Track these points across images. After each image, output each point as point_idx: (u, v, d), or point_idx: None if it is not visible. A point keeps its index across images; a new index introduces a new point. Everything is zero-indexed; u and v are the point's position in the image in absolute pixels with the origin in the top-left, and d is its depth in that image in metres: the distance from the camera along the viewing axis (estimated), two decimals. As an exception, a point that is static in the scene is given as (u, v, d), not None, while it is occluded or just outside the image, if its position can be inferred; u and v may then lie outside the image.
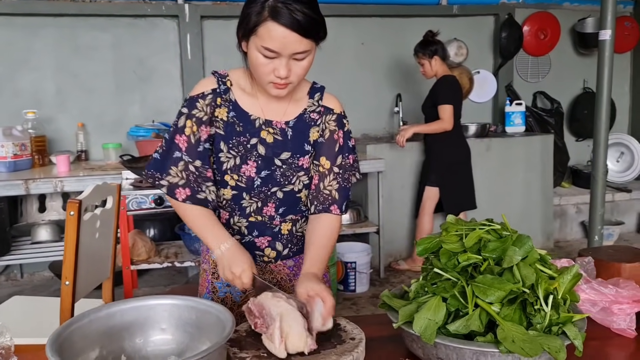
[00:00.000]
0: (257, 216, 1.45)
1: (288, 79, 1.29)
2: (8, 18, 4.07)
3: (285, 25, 1.21)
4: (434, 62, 3.90)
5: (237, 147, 1.39)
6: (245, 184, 1.41)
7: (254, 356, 1.16)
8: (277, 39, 1.22)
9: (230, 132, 1.39)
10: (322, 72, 4.61)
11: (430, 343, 1.07)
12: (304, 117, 1.44)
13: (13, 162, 3.56)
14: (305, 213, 1.52)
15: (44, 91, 4.22)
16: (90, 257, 2.11)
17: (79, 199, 1.97)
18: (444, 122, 3.80)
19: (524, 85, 5.28)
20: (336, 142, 1.46)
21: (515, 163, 4.64)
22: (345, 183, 1.47)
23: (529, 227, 4.71)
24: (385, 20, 4.84)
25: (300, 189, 1.46)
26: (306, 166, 1.44)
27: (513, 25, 4.98)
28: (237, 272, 1.32)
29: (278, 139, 1.41)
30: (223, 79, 1.41)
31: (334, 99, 1.50)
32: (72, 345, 1.08)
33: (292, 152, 1.42)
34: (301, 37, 1.23)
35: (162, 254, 3.28)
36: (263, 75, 1.30)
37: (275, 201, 1.45)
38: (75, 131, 4.18)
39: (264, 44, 1.24)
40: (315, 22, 1.24)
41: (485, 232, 1.19)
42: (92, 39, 4.26)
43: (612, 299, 1.27)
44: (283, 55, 1.25)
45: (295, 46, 1.24)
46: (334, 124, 1.46)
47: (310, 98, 1.46)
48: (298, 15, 1.20)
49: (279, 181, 1.42)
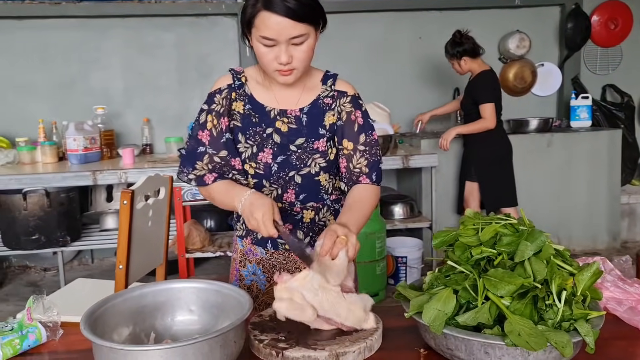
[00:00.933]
0: (278, 203, 1.48)
1: (291, 64, 1.34)
2: (81, 20, 4.35)
3: (277, 13, 1.26)
4: (463, 62, 3.84)
5: (253, 136, 1.46)
6: (264, 171, 1.47)
7: (272, 339, 1.22)
8: (271, 26, 1.28)
9: (247, 123, 1.46)
10: (377, 66, 4.70)
11: (438, 333, 1.09)
12: (318, 102, 1.48)
13: (84, 155, 3.81)
14: (327, 201, 1.54)
15: (112, 88, 4.49)
16: (143, 244, 2.25)
17: (131, 189, 2.11)
18: (487, 120, 3.73)
19: (593, 78, 5.05)
20: (354, 122, 1.48)
21: (580, 159, 4.46)
22: (373, 157, 1.49)
23: (593, 226, 4.54)
24: (444, 14, 4.78)
25: (318, 171, 1.49)
26: (322, 149, 1.47)
27: (580, 16, 4.77)
28: (259, 216, 1.30)
29: (292, 127, 1.46)
30: (238, 75, 1.49)
31: (347, 83, 1.53)
32: (106, 321, 1.18)
33: (307, 137, 1.46)
34: (295, 22, 1.28)
35: (215, 244, 3.42)
36: (267, 64, 1.36)
37: (295, 187, 1.49)
38: (141, 126, 4.42)
39: (261, 34, 1.30)
40: (306, 7, 1.29)
41: (501, 226, 1.19)
42: (156, 38, 4.48)
43: (637, 297, 1.23)
44: (281, 41, 1.30)
45: (290, 31, 1.29)
46: (349, 106, 1.49)
47: (323, 84, 1.50)
48: (289, 3, 1.26)
49: (294, 165, 1.47)
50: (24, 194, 3.43)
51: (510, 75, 4.85)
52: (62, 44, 4.39)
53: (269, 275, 1.57)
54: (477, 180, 3.96)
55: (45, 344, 1.30)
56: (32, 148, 3.92)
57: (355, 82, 4.69)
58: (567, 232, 4.50)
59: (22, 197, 3.43)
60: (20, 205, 3.44)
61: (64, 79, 4.42)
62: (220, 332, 1.06)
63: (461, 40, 3.84)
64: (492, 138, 3.85)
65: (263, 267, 1.58)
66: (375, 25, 4.72)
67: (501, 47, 4.86)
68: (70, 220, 3.65)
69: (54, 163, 3.89)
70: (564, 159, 4.44)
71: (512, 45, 4.73)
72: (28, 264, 4.50)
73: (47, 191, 3.47)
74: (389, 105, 4.25)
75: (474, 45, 3.83)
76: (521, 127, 4.60)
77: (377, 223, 3.47)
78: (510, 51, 4.75)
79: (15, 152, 3.88)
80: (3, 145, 4.03)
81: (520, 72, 4.84)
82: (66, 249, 3.69)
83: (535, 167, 4.40)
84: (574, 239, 4.52)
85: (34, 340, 1.28)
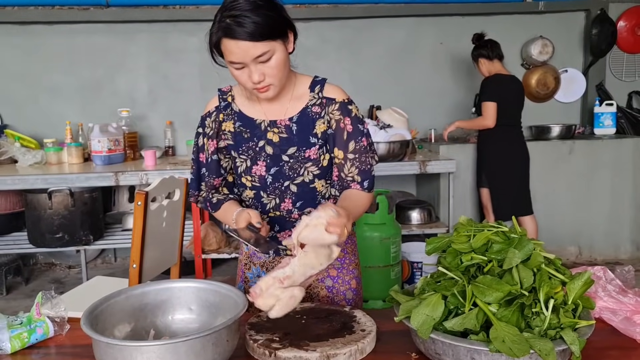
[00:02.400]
0: (276, 212, 1.54)
1: (264, 81, 1.37)
2: (108, 25, 4.48)
3: (236, 38, 1.29)
4: (481, 64, 3.90)
5: (246, 151, 1.51)
6: (259, 183, 1.52)
7: (267, 339, 1.26)
8: (234, 51, 1.31)
9: (239, 140, 1.51)
10: (398, 71, 4.70)
11: (425, 338, 1.11)
12: (307, 111, 1.49)
13: (107, 156, 3.92)
14: None
15: (137, 91, 4.61)
16: (157, 244, 2.31)
17: (145, 191, 2.17)
18: (485, 119, 3.77)
19: (618, 84, 4.96)
20: (343, 130, 1.48)
21: (603, 167, 4.39)
22: (364, 166, 1.49)
23: (616, 235, 4.46)
24: (466, 19, 4.76)
25: (312, 179, 1.51)
26: (313, 157, 1.49)
27: (606, 21, 4.70)
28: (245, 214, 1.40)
29: (283, 137, 1.49)
30: (224, 95, 1.55)
31: (336, 88, 1.52)
32: (108, 317, 1.24)
33: (298, 146, 1.48)
34: (254, 43, 1.30)
35: (232, 245, 3.47)
36: (244, 84, 1.39)
37: (291, 196, 1.52)
38: (164, 128, 4.52)
39: (228, 59, 1.35)
40: (264, 26, 1.30)
41: (493, 234, 1.20)
42: (180, 43, 4.58)
43: (632, 308, 1.23)
44: (248, 63, 1.33)
45: (252, 52, 1.31)
46: (338, 113, 1.49)
47: (311, 92, 1.50)
48: (246, 27, 1.28)
49: (288, 175, 1.50)
50: (49, 193, 3.55)
51: (533, 81, 4.80)
52: (89, 48, 4.52)
53: None
54: (487, 186, 3.96)
55: (53, 338, 1.36)
56: (58, 149, 4.04)
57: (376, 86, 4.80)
58: (588, 240, 4.43)
59: (47, 197, 3.55)
60: (46, 204, 3.57)
61: (90, 82, 4.56)
62: (212, 331, 1.10)
63: (477, 43, 3.89)
64: (501, 144, 3.84)
65: (267, 270, 1.62)
66: (397, 31, 4.74)
67: (524, 53, 4.82)
68: (93, 219, 3.76)
69: (79, 164, 4.00)
70: (587, 166, 4.37)
71: (534, 51, 4.68)
72: (54, 261, 4.64)
73: (71, 191, 3.59)
74: (409, 111, 4.26)
75: (492, 48, 3.83)
76: (543, 134, 4.56)
77: (392, 228, 3.47)
78: (532, 57, 4.71)
79: (43, 153, 4.01)
80: (31, 146, 4.17)
81: (542, 78, 4.79)
82: (89, 247, 3.80)
83: (557, 174, 4.35)
84: (596, 248, 4.45)
85: (42, 334, 1.34)
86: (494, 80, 3.81)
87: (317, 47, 4.56)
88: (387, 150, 3.75)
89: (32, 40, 4.46)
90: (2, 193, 3.96)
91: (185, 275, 3.10)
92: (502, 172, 3.89)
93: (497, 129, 3.78)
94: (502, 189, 3.90)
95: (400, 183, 4.75)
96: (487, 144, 3.92)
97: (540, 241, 1.21)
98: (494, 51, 3.84)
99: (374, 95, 4.55)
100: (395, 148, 3.77)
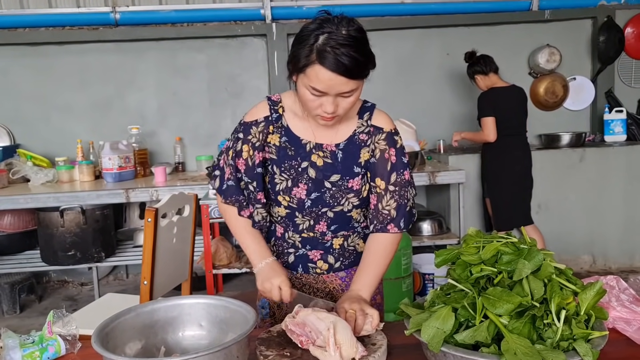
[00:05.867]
0: (309, 233, 1.52)
1: (335, 112, 1.35)
2: (118, 44, 4.54)
3: (331, 70, 1.26)
4: (478, 81, 3.94)
5: (289, 170, 1.47)
6: (297, 205, 1.49)
7: (278, 354, 1.25)
8: (324, 81, 1.28)
9: (283, 156, 1.48)
10: (406, 83, 4.71)
11: (436, 351, 1.10)
12: (354, 138, 1.47)
13: (118, 173, 3.95)
14: (358, 229, 1.56)
15: (147, 108, 4.65)
16: (167, 260, 2.32)
17: (155, 207, 2.18)
18: (484, 134, 3.81)
19: (628, 91, 4.94)
20: (387, 160, 1.47)
21: (614, 174, 4.36)
22: (402, 200, 1.47)
23: (630, 243, 4.41)
24: (472, 30, 4.77)
25: (350, 209, 1.50)
26: (356, 188, 1.47)
27: (613, 28, 4.69)
28: (276, 283, 1.42)
29: (328, 162, 1.46)
30: (275, 106, 1.49)
31: (384, 116, 1.51)
32: (119, 335, 1.24)
33: (342, 175, 1.46)
34: (347, 79, 1.28)
35: (242, 260, 3.48)
36: (311, 109, 1.37)
37: (327, 220, 1.51)
38: (174, 144, 4.56)
39: (311, 84, 1.30)
40: (361, 64, 1.28)
41: (502, 245, 1.19)
42: (189, 60, 4.63)
43: (646, 318, 1.21)
44: (330, 94, 1.31)
45: (341, 87, 1.29)
46: (384, 143, 1.47)
47: (359, 118, 1.49)
48: (344, 60, 1.25)
49: (328, 202, 1.48)
50: (61, 211, 3.58)
51: (541, 90, 4.79)
52: (99, 67, 4.58)
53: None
54: (488, 196, 3.99)
55: (64, 356, 1.37)
56: (70, 167, 4.08)
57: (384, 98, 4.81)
58: (602, 249, 4.39)
59: (59, 215, 3.58)
60: (58, 222, 3.60)
61: (101, 100, 4.61)
62: (222, 347, 1.09)
63: (470, 61, 3.95)
64: (501, 154, 3.85)
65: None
66: (404, 43, 4.76)
67: (531, 61, 4.81)
68: (105, 236, 3.78)
69: (90, 181, 4.04)
70: (598, 174, 4.34)
71: (542, 59, 4.68)
72: (66, 279, 4.67)
73: (82, 209, 3.62)
74: (417, 122, 4.26)
75: (485, 64, 3.87)
76: (553, 142, 4.54)
77: (403, 240, 3.46)
78: (540, 65, 4.70)
79: (55, 171, 4.05)
80: (43, 165, 4.21)
81: (551, 86, 4.78)
82: (101, 264, 3.82)
83: (569, 183, 4.32)
84: (610, 256, 4.40)
85: (54, 352, 1.34)
86: (488, 95, 3.85)
87: (324, 60, 4.58)
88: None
89: (43, 61, 4.53)
90: (15, 212, 4.00)
91: (197, 290, 3.10)
92: (501, 183, 3.90)
93: (499, 139, 3.80)
94: (500, 199, 3.93)
95: (410, 194, 4.73)
96: (488, 154, 3.96)
97: (550, 251, 1.20)
98: (487, 65, 3.88)
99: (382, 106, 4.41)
100: (404, 159, 3.76)
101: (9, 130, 4.57)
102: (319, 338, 1.25)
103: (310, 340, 1.26)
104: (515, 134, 3.85)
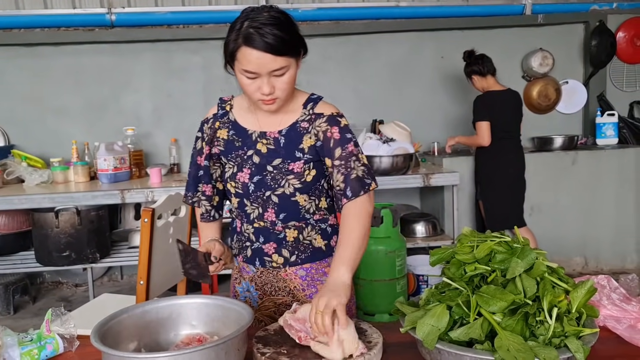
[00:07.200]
0: (259, 222, 1.55)
1: (273, 94, 1.41)
2: (113, 46, 4.55)
3: (257, 49, 1.33)
4: (475, 81, 3.97)
5: (235, 158, 1.55)
6: (242, 190, 1.55)
7: (275, 352, 1.27)
8: (252, 61, 1.35)
9: (230, 147, 1.56)
10: (400, 86, 4.75)
11: (430, 348, 1.12)
12: (296, 126, 1.53)
13: (113, 174, 3.95)
14: (311, 221, 1.57)
15: (142, 110, 4.66)
16: (163, 261, 2.33)
17: (151, 208, 2.20)
18: (480, 138, 3.84)
19: (619, 94, 4.99)
20: (330, 139, 1.50)
21: (606, 177, 4.41)
22: (347, 170, 1.47)
23: (621, 245, 4.45)
24: (466, 33, 4.80)
25: (292, 192, 1.52)
26: (297, 170, 1.51)
27: (605, 33, 4.74)
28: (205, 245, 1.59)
29: (271, 148, 1.53)
30: (223, 104, 1.61)
31: (328, 105, 1.55)
32: (114, 335, 1.25)
33: (283, 158, 1.52)
34: (275, 57, 1.35)
35: (237, 261, 3.48)
36: (251, 94, 1.42)
37: (274, 206, 1.53)
38: (169, 146, 4.56)
39: (243, 67, 1.37)
40: (286, 42, 1.35)
41: (496, 244, 1.21)
42: (184, 61, 4.64)
43: (636, 316, 1.24)
44: (262, 74, 1.37)
45: (270, 65, 1.36)
46: (325, 125, 1.51)
47: (303, 108, 1.54)
48: (268, 38, 1.33)
49: (269, 185, 1.52)
50: (56, 212, 3.58)
51: (534, 93, 4.83)
52: (95, 68, 4.58)
53: (261, 293, 1.62)
54: (481, 198, 4.02)
55: (62, 354, 1.38)
56: (65, 168, 4.08)
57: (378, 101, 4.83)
58: (594, 251, 4.43)
59: (54, 216, 3.58)
60: (53, 223, 3.60)
61: (96, 101, 4.61)
62: (225, 340, 1.12)
63: (469, 60, 3.96)
64: (494, 157, 3.89)
65: (255, 284, 1.63)
66: (398, 46, 4.79)
67: (524, 65, 4.86)
68: (100, 237, 3.78)
69: (85, 182, 4.04)
70: (590, 177, 4.39)
71: (534, 63, 4.72)
72: (60, 280, 4.65)
73: (77, 209, 3.62)
74: (412, 124, 4.29)
75: (483, 64, 3.89)
76: (546, 145, 4.58)
77: (397, 241, 3.44)
78: (533, 69, 4.75)
79: (50, 172, 4.05)
80: (38, 166, 4.21)
81: (544, 89, 4.83)
82: (95, 265, 3.82)
83: (561, 185, 4.37)
84: (602, 258, 4.44)
85: (52, 350, 1.35)
86: (484, 98, 3.88)
87: (319, 63, 4.61)
88: (391, 164, 3.77)
89: (38, 62, 4.53)
90: (10, 212, 3.99)
91: (192, 291, 3.10)
92: (494, 185, 3.94)
93: (493, 143, 3.83)
94: (493, 201, 3.96)
95: (405, 196, 4.76)
96: (482, 157, 3.99)
97: (542, 250, 1.22)
98: (485, 67, 3.90)
99: (377, 109, 4.59)
100: (399, 162, 3.79)
101: (3, 130, 4.56)
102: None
103: (309, 336, 1.28)
104: (509, 137, 3.89)
